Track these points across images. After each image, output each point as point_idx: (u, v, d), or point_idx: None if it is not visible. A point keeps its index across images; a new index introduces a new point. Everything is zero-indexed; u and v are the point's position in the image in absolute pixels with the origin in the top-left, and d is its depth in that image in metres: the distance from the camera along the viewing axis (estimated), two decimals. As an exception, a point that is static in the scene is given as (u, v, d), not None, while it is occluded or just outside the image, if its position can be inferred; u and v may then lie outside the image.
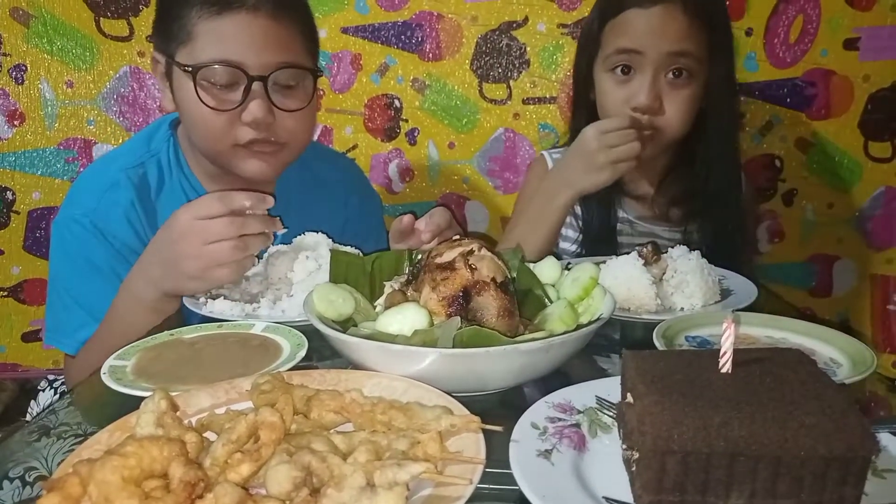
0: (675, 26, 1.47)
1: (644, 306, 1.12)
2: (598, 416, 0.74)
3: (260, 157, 1.35)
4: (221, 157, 1.36)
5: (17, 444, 0.76)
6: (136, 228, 1.39)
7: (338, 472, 0.57)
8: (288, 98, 1.33)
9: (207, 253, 1.13)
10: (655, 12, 1.47)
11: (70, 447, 0.74)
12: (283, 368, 0.85)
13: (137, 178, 1.41)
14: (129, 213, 1.39)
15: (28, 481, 0.68)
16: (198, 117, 1.30)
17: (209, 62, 1.26)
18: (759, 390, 0.61)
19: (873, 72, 2.11)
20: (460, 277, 0.88)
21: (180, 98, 1.33)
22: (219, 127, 1.30)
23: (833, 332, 0.96)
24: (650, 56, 1.48)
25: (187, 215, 1.15)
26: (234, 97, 1.28)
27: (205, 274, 1.14)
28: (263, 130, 1.31)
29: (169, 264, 1.17)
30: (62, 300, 1.39)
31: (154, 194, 1.43)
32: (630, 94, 1.51)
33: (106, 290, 1.28)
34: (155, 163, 1.45)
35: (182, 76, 1.30)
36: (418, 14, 2.08)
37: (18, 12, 2.01)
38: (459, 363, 0.78)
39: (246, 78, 1.27)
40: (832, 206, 2.22)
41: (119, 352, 0.93)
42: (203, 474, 0.57)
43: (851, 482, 0.57)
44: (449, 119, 2.15)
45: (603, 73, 1.57)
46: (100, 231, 1.36)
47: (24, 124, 2.07)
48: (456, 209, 2.22)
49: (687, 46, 1.48)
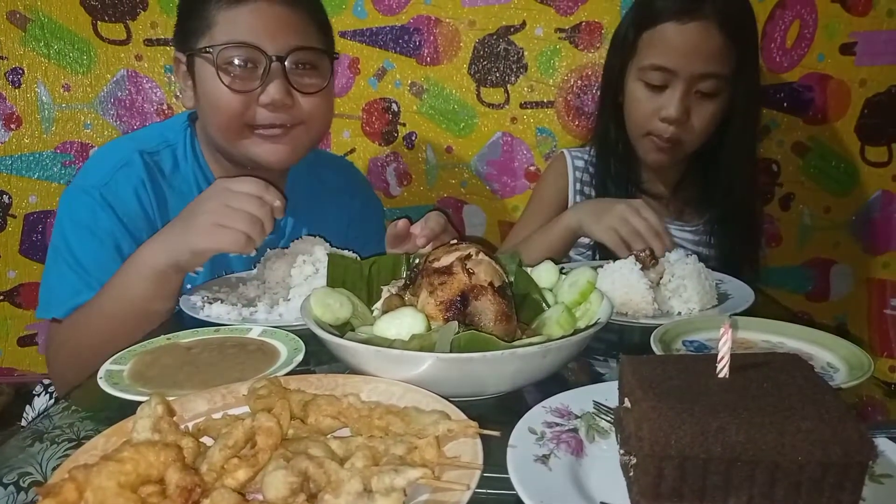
0: (709, 45, 1.53)
1: (641, 310, 1.12)
2: (596, 421, 0.74)
3: (273, 141, 1.37)
4: (235, 142, 1.37)
5: (11, 449, 0.75)
6: (145, 207, 1.40)
7: (335, 477, 0.57)
8: (306, 79, 1.37)
9: (224, 212, 1.16)
10: (692, 29, 1.53)
11: (65, 452, 0.73)
12: (281, 373, 0.85)
13: (152, 162, 1.43)
14: (140, 190, 1.40)
15: (23, 486, 0.68)
16: (217, 100, 1.33)
17: (228, 43, 1.30)
18: (757, 395, 0.61)
19: (870, 76, 2.11)
20: (458, 282, 0.88)
21: (202, 87, 1.36)
22: (237, 107, 1.33)
23: (830, 337, 0.96)
24: (683, 75, 1.55)
25: (223, 182, 1.21)
26: (254, 78, 1.32)
27: (212, 231, 1.16)
28: (282, 113, 1.35)
29: (186, 218, 1.20)
30: (58, 268, 1.38)
31: (167, 181, 1.45)
32: (660, 106, 1.59)
33: (104, 260, 1.29)
34: (170, 153, 1.47)
35: (203, 64, 1.33)
36: (416, 18, 2.08)
37: (16, 16, 2.00)
38: (457, 368, 0.78)
39: (264, 59, 1.30)
40: (829, 210, 2.22)
41: (115, 356, 0.93)
42: (199, 480, 0.57)
43: (849, 487, 0.57)
44: (447, 123, 2.15)
45: (635, 81, 1.64)
46: (108, 203, 1.36)
47: (20, 128, 2.07)
48: (454, 213, 2.22)
49: (717, 68, 1.55)
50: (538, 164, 2.16)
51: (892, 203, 2.21)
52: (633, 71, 1.65)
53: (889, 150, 2.17)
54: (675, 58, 1.55)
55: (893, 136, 2.16)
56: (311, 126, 1.41)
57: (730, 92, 1.60)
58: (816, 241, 2.26)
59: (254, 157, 1.38)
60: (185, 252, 1.18)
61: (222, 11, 1.31)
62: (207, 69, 1.32)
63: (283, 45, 1.32)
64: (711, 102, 1.59)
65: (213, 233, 1.16)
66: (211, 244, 1.17)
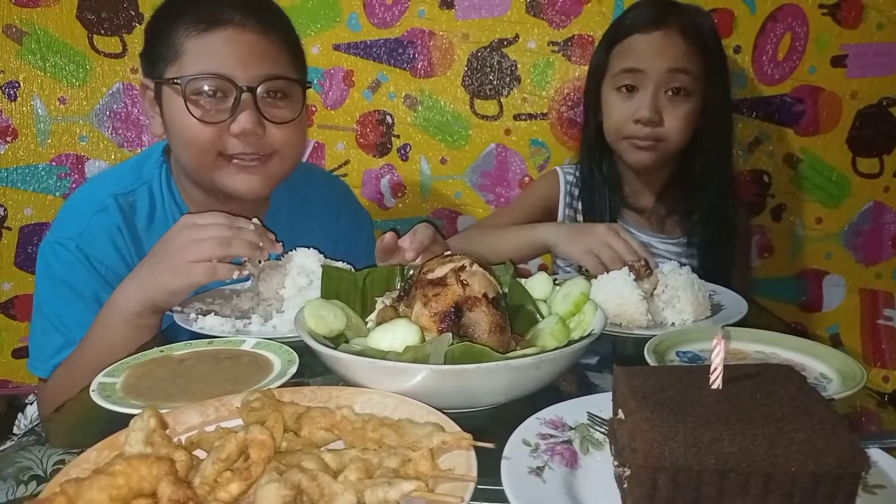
0: (673, 48, 1.64)
1: (635, 321, 1.12)
2: (590, 433, 0.74)
3: (248, 171, 1.34)
4: (208, 173, 1.34)
5: (10, 450, 0.75)
6: (123, 254, 1.38)
7: (328, 490, 0.57)
8: (277, 109, 1.34)
9: (192, 247, 1.14)
10: (656, 36, 1.65)
11: (59, 458, 0.73)
12: (274, 385, 0.85)
13: (126, 205, 1.41)
14: (116, 238, 1.38)
15: (23, 480, 0.68)
16: (186, 132, 1.30)
17: (198, 74, 1.27)
18: (750, 406, 0.61)
19: (861, 88, 2.13)
20: (452, 293, 0.88)
21: (170, 117, 1.33)
22: (207, 139, 1.29)
23: (823, 348, 0.97)
24: (651, 74, 1.64)
25: (188, 218, 1.19)
26: (224, 109, 1.29)
27: (184, 269, 1.14)
28: (252, 143, 1.31)
29: (155, 259, 1.19)
30: (42, 325, 1.38)
31: (143, 222, 1.42)
32: (634, 109, 1.67)
33: (86, 316, 1.27)
34: (146, 190, 1.44)
35: (171, 94, 1.30)
36: (410, 31, 2.09)
37: (12, 29, 2.01)
38: (451, 379, 0.78)
39: (234, 89, 1.28)
40: (821, 221, 2.23)
41: (108, 369, 0.93)
42: (192, 493, 0.56)
43: (842, 498, 0.57)
44: (441, 135, 2.16)
45: (609, 91, 1.73)
46: (85, 256, 1.35)
47: (16, 140, 2.07)
48: (447, 224, 2.22)
49: (684, 65, 1.64)
50: (532, 175, 2.17)
51: (883, 214, 2.23)
52: (607, 83, 1.73)
53: (881, 162, 2.19)
54: (642, 58, 1.65)
55: (885, 147, 2.18)
56: (285, 155, 1.38)
57: (701, 98, 1.68)
58: (808, 251, 2.27)
59: (227, 187, 1.35)
60: (160, 293, 1.17)
61: (191, 39, 1.28)
62: (175, 100, 1.29)
63: (255, 74, 1.29)
64: (683, 102, 1.67)
65: (186, 270, 1.14)
66: (186, 282, 1.15)
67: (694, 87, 1.66)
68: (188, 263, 1.14)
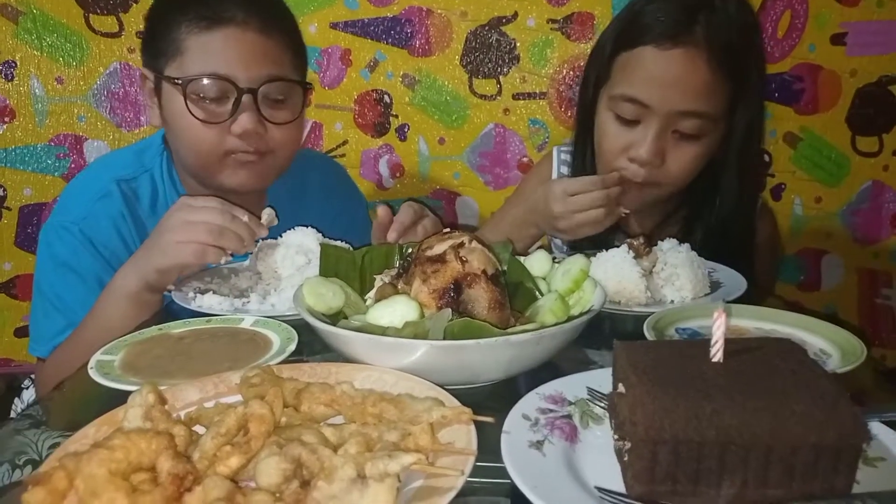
0: (693, 78, 1.30)
1: (634, 299, 1.12)
2: (590, 408, 0.74)
3: (247, 168, 1.36)
4: (209, 170, 1.36)
5: (6, 432, 0.75)
6: (126, 239, 1.39)
7: (328, 463, 0.56)
8: (277, 110, 1.35)
9: (183, 228, 1.15)
10: (674, 57, 1.30)
11: (56, 440, 0.73)
12: (273, 363, 0.85)
13: (129, 191, 1.42)
14: (119, 223, 1.39)
15: (18, 464, 0.68)
16: (187, 130, 1.31)
17: (199, 75, 1.27)
18: (751, 379, 0.61)
19: (860, 67, 2.11)
20: (451, 270, 0.88)
21: (169, 113, 1.33)
22: (208, 139, 1.31)
23: (823, 324, 0.97)
24: (658, 112, 1.33)
25: (184, 200, 1.20)
26: (224, 110, 1.29)
27: (174, 248, 1.15)
28: (253, 142, 1.32)
29: (151, 240, 1.20)
30: (43, 306, 1.38)
31: (146, 209, 1.43)
32: (630, 143, 1.37)
33: (88, 298, 1.27)
34: (148, 178, 1.45)
35: (171, 91, 1.30)
36: (408, 9, 2.07)
37: (7, 9, 1.99)
38: (450, 355, 0.77)
39: (236, 91, 1.28)
40: (820, 200, 2.23)
41: (107, 346, 0.93)
42: (192, 467, 0.56)
43: (843, 471, 0.57)
44: (439, 114, 2.14)
45: (606, 110, 1.42)
46: (88, 239, 1.35)
47: (14, 121, 2.06)
48: (446, 205, 2.21)
49: (701, 106, 1.32)
50: (531, 155, 2.16)
51: (882, 193, 2.22)
52: (604, 97, 1.42)
53: (880, 140, 2.18)
54: (650, 90, 1.32)
55: (884, 126, 2.17)
56: (280, 154, 1.39)
57: (720, 133, 1.39)
58: (807, 231, 2.26)
59: (226, 183, 1.36)
60: (151, 272, 1.17)
61: (193, 36, 1.28)
62: (176, 98, 1.29)
63: (256, 75, 1.29)
64: (693, 145, 1.36)
65: (174, 250, 1.15)
66: (174, 261, 1.16)
67: (711, 128, 1.35)
68: (177, 244, 1.15)
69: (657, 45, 1.31)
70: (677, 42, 1.30)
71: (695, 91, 1.31)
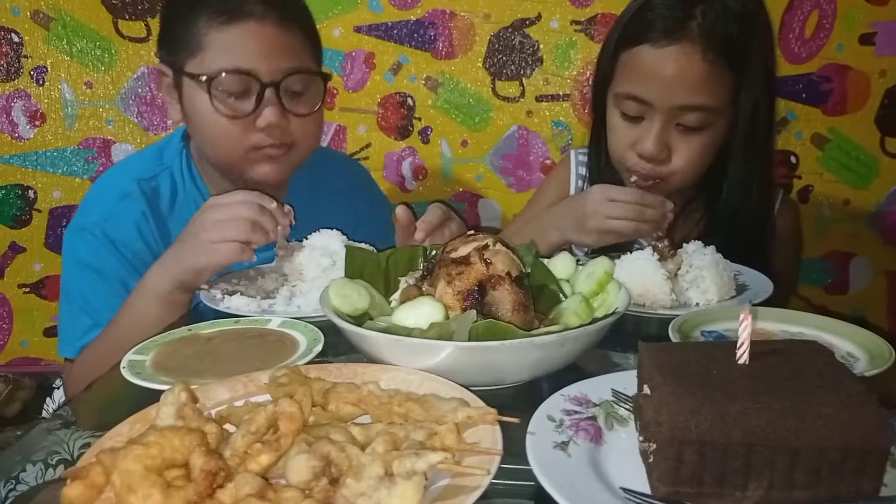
0: (690, 73, 1.33)
1: (659, 301, 1.12)
2: (615, 409, 0.74)
3: (271, 161, 1.37)
4: (235, 165, 1.38)
5: (39, 432, 0.77)
6: (147, 239, 1.40)
7: (356, 461, 0.57)
8: (298, 102, 1.36)
9: (216, 227, 1.17)
10: (670, 54, 1.33)
11: (88, 439, 0.74)
12: (300, 363, 0.86)
13: (150, 190, 1.43)
14: (141, 223, 1.40)
15: (51, 464, 0.70)
16: (213, 127, 1.33)
17: (222, 70, 1.28)
18: (776, 381, 0.61)
19: (890, 67, 2.09)
20: (475, 272, 0.89)
21: (191, 109, 1.34)
22: (235, 135, 1.32)
23: (850, 327, 0.96)
24: (659, 108, 1.36)
25: (213, 199, 1.21)
26: (247, 104, 1.31)
27: (208, 248, 1.16)
28: (277, 135, 1.34)
29: (185, 240, 1.21)
30: (70, 308, 1.40)
31: (166, 207, 1.45)
32: (636, 139, 1.41)
33: (112, 299, 1.29)
34: (168, 176, 1.47)
35: (193, 87, 1.32)
36: (431, 12, 2.08)
37: (39, 15, 2.03)
38: (475, 356, 0.78)
39: (259, 85, 1.29)
40: (848, 202, 2.20)
41: (137, 347, 0.94)
42: (223, 464, 0.57)
43: (870, 473, 0.57)
44: (462, 117, 2.15)
45: (612, 108, 1.47)
46: (110, 240, 1.37)
47: (44, 124, 2.11)
48: (469, 207, 2.22)
49: (701, 99, 1.35)
50: (554, 157, 2.16)
51: (912, 195, 2.19)
52: (610, 95, 1.47)
53: (909, 142, 2.15)
54: (650, 87, 1.36)
55: (913, 127, 2.14)
56: (302, 146, 1.40)
57: (726, 121, 1.41)
58: (835, 233, 2.24)
59: (251, 175, 1.38)
60: (187, 272, 1.18)
61: (213, 32, 1.29)
62: (199, 94, 1.31)
63: (277, 68, 1.30)
64: (697, 136, 1.39)
65: (209, 250, 1.16)
66: (209, 261, 1.17)
67: (713, 118, 1.38)
68: (211, 244, 1.16)
69: (654, 44, 1.35)
70: (673, 39, 1.33)
71: (694, 85, 1.34)
